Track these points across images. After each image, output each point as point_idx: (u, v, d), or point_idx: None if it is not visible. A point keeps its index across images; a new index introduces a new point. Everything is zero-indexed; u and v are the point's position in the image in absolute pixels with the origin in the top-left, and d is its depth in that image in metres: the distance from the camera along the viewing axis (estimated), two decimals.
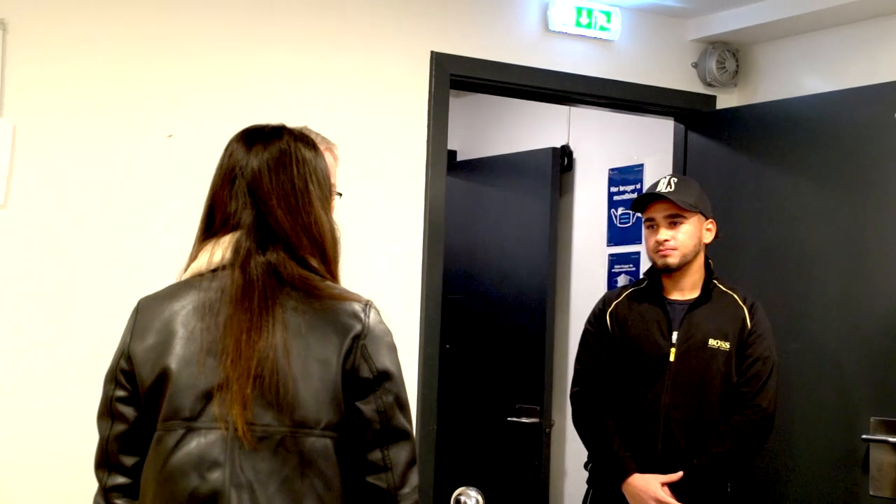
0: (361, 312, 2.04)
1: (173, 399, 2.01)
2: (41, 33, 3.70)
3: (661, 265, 3.63)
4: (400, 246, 4.30)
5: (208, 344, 2.01)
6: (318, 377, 1.99)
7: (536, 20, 4.61)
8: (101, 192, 3.78)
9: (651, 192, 3.67)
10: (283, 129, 2.18)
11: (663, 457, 3.53)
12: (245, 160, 2.11)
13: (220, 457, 1.97)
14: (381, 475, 2.02)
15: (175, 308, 2.07)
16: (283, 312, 2.01)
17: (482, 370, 5.85)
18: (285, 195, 2.08)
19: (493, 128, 6.25)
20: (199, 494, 1.97)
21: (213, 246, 2.08)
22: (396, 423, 2.03)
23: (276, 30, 4.09)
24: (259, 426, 1.97)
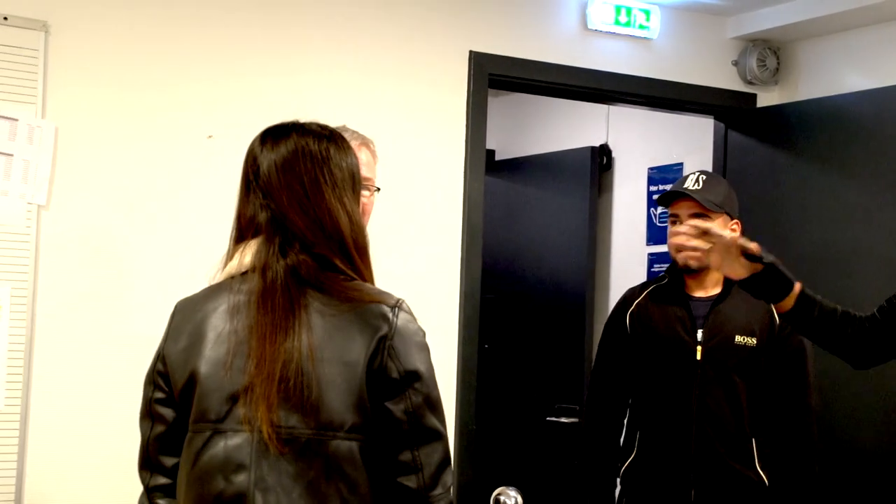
0: (389, 312, 2.02)
1: (201, 401, 2.02)
2: (83, 36, 3.73)
3: (681, 264, 3.58)
4: (438, 246, 4.30)
5: (235, 346, 2.01)
6: (343, 379, 1.97)
7: (575, 19, 4.60)
8: (142, 192, 3.81)
9: (678, 188, 3.61)
10: (292, 125, 2.16)
11: (697, 458, 3.49)
12: (257, 162, 2.10)
13: (246, 459, 1.97)
14: (411, 476, 1.99)
15: (207, 310, 2.07)
16: (307, 314, 1.99)
17: (521, 370, 5.86)
18: (295, 193, 2.06)
19: (531, 127, 6.25)
20: (225, 497, 1.97)
21: (244, 248, 2.08)
22: (427, 424, 2.00)
23: (315, 31, 4.10)
24: (284, 429, 1.96)
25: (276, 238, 2.04)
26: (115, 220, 3.77)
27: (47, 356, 3.65)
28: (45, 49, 3.65)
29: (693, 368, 3.53)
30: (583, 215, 5.65)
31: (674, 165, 5.45)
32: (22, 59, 3.61)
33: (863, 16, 4.50)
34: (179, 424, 2.08)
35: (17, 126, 3.62)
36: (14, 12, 3.61)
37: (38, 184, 3.64)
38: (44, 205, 3.65)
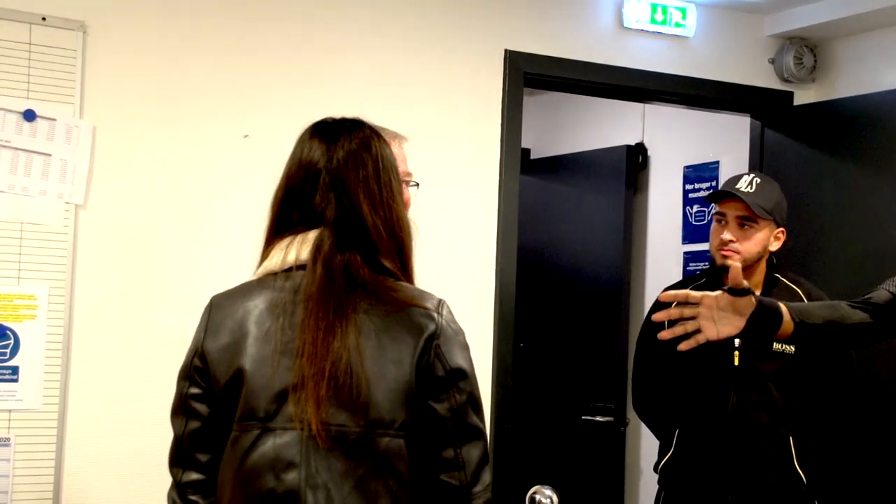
0: (434, 312, 2.04)
1: (249, 399, 2.01)
2: (120, 36, 3.74)
3: (719, 264, 3.56)
4: (473, 244, 4.30)
5: (283, 344, 2.01)
6: (391, 378, 1.99)
7: (611, 17, 4.59)
8: (179, 191, 3.82)
9: (729, 188, 3.58)
10: (362, 122, 2.17)
11: (734, 459, 3.49)
12: (328, 153, 2.09)
13: (296, 457, 1.98)
14: (453, 473, 2.01)
15: (248, 307, 2.07)
16: (356, 314, 2.00)
17: (557, 368, 5.86)
18: (369, 191, 2.07)
19: (566, 126, 6.24)
20: (276, 494, 1.98)
21: (289, 244, 2.06)
22: (470, 422, 2.03)
23: (350, 30, 4.11)
24: (334, 426, 1.97)
25: (339, 231, 2.05)
26: (152, 220, 3.78)
27: (85, 355, 3.67)
28: (83, 49, 3.67)
29: (730, 373, 3.54)
30: (618, 214, 5.64)
31: (710, 164, 5.43)
32: (60, 59, 3.63)
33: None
34: (215, 421, 2.08)
35: (56, 126, 3.64)
36: (52, 13, 3.63)
37: (76, 183, 3.65)
38: (81, 204, 3.67)
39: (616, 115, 5.86)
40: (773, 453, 3.50)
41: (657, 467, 3.69)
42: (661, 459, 3.68)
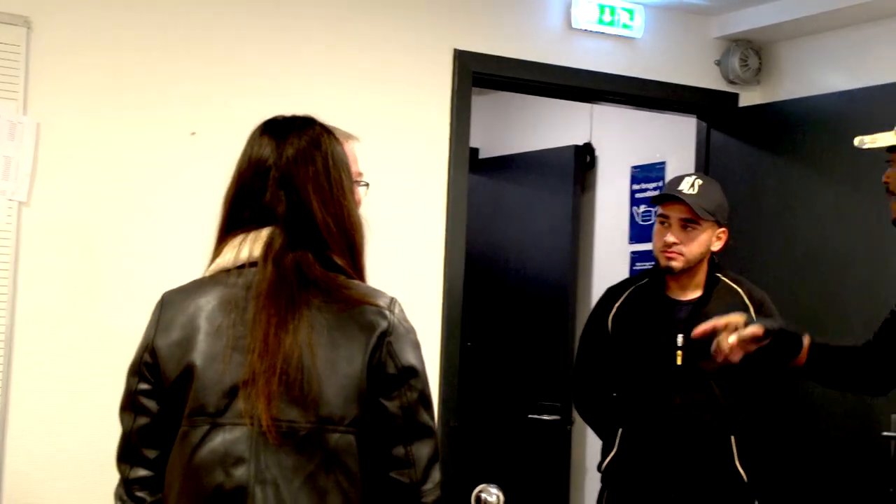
0: (387, 310, 2.04)
1: (198, 395, 2.01)
2: (65, 31, 3.72)
3: (663, 266, 3.59)
4: (421, 243, 4.31)
5: (234, 340, 2.01)
6: (343, 374, 1.98)
7: (560, 18, 4.61)
8: (125, 189, 3.80)
9: (672, 191, 3.60)
10: (313, 120, 2.17)
11: (677, 458, 3.52)
12: (278, 151, 2.08)
13: (245, 453, 1.97)
14: (403, 470, 2.02)
15: (200, 304, 2.06)
16: (308, 311, 2.00)
17: (503, 367, 5.87)
18: (320, 186, 2.07)
19: (515, 125, 6.25)
20: (224, 490, 1.97)
21: (242, 241, 2.06)
22: (420, 420, 2.03)
23: (300, 28, 4.10)
24: (284, 422, 1.97)
25: (291, 230, 2.05)
26: (98, 217, 3.76)
27: (28, 354, 3.64)
28: (27, 44, 3.64)
29: (673, 372, 3.56)
30: (566, 213, 5.66)
31: (656, 164, 5.46)
32: (3, 54, 3.61)
33: (843, 16, 4.52)
34: (164, 417, 2.06)
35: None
36: None
37: (20, 180, 3.62)
38: (25, 201, 3.64)
39: (564, 115, 5.87)
40: (715, 452, 3.52)
41: (600, 467, 3.70)
42: (604, 459, 3.69)
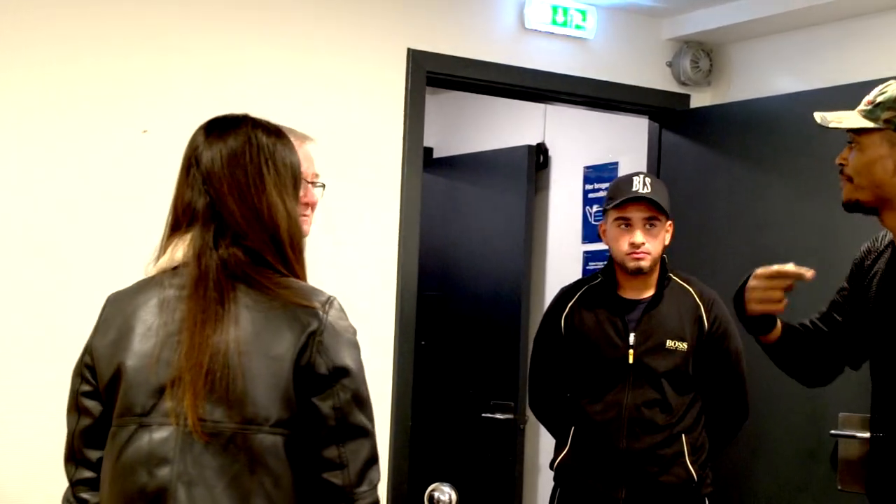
0: (320, 309, 2.00)
1: (126, 395, 1.99)
2: (11, 27, 3.67)
3: (633, 269, 3.58)
4: (375, 242, 4.31)
5: (164, 339, 1.99)
6: (269, 373, 1.95)
7: (513, 18, 4.62)
8: (75, 188, 3.77)
9: (631, 194, 3.58)
10: (243, 117, 2.14)
11: (627, 456, 3.54)
12: (201, 150, 2.08)
13: (170, 453, 1.95)
14: (336, 472, 1.97)
15: (138, 304, 2.06)
16: (237, 308, 1.98)
17: (457, 366, 5.88)
18: (237, 183, 2.04)
19: (469, 125, 6.26)
20: (148, 491, 1.95)
21: (178, 242, 2.06)
22: (353, 421, 1.98)
23: (252, 25, 4.09)
24: (210, 422, 1.94)
25: (212, 227, 2.03)
26: (48, 218, 3.73)
27: None
28: None
29: (625, 371, 3.58)
30: (519, 213, 5.68)
31: (609, 164, 5.49)
32: None
33: (793, 20, 4.57)
34: (105, 418, 2.06)
35: None
36: None
37: None
38: None
39: (518, 115, 5.88)
40: (665, 451, 3.54)
41: (553, 465, 3.71)
42: (556, 457, 3.70)
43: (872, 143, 2.51)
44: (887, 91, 2.51)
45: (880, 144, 2.50)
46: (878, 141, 2.50)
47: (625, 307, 3.63)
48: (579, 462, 3.63)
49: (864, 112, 2.53)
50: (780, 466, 4.37)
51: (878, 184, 2.52)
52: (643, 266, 3.58)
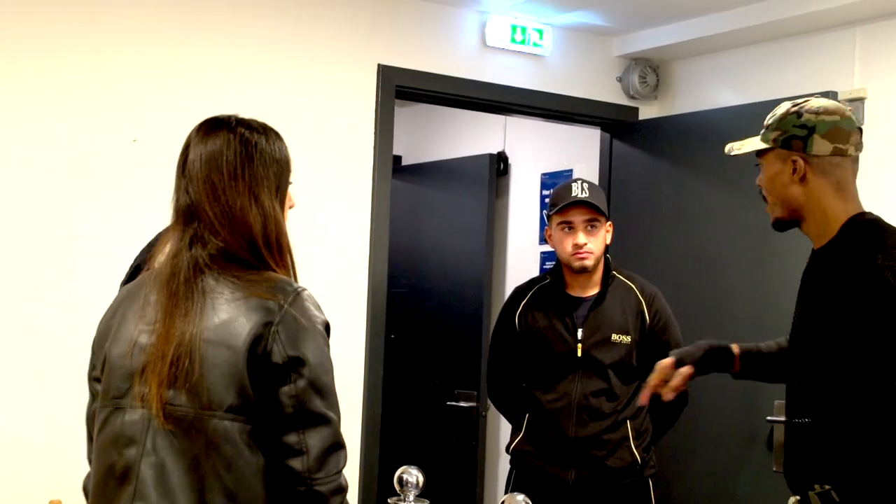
0: (282, 300, 1.94)
1: (108, 378, 2.00)
2: (6, 34, 3.65)
3: (578, 268, 3.61)
4: (347, 244, 4.31)
5: (141, 330, 1.98)
6: (224, 361, 1.91)
7: (475, 36, 4.64)
8: (66, 194, 3.75)
9: (571, 198, 3.60)
10: (229, 118, 2.10)
11: (576, 441, 3.56)
12: (188, 151, 2.05)
13: (137, 435, 1.93)
14: (296, 458, 1.91)
15: (130, 295, 2.06)
16: (204, 302, 1.94)
17: (424, 358, 5.88)
18: (212, 183, 2.00)
19: (435, 135, 6.27)
20: (116, 469, 1.94)
21: (166, 237, 2.05)
22: (311, 408, 1.92)
23: (235, 43, 4.09)
24: (173, 407, 1.91)
25: (189, 225, 2.00)
26: (44, 221, 3.71)
27: None
28: None
29: (574, 363, 3.60)
30: (481, 216, 5.68)
31: (564, 171, 5.50)
32: None
33: (732, 39, 4.60)
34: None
35: None
36: None
37: None
38: None
39: (480, 125, 5.89)
40: (611, 436, 3.56)
41: (508, 448, 3.73)
42: (512, 441, 3.71)
43: (770, 162, 2.60)
44: (776, 113, 2.60)
45: (775, 161, 2.58)
46: (773, 159, 2.58)
47: (573, 305, 3.65)
48: (532, 446, 3.65)
49: (761, 136, 2.62)
50: (719, 449, 4.40)
51: (782, 198, 2.59)
52: (587, 264, 3.60)
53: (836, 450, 2.43)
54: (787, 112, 2.56)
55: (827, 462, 2.45)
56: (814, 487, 2.47)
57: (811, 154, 2.52)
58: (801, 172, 2.53)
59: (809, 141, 2.52)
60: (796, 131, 2.53)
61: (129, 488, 1.92)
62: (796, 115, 2.54)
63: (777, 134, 2.56)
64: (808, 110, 2.54)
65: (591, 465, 3.56)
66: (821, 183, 2.54)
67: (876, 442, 2.33)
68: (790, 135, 2.54)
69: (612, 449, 3.56)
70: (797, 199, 2.57)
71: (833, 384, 2.45)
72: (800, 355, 2.64)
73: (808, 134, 2.53)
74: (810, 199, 2.55)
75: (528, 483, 3.60)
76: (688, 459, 4.46)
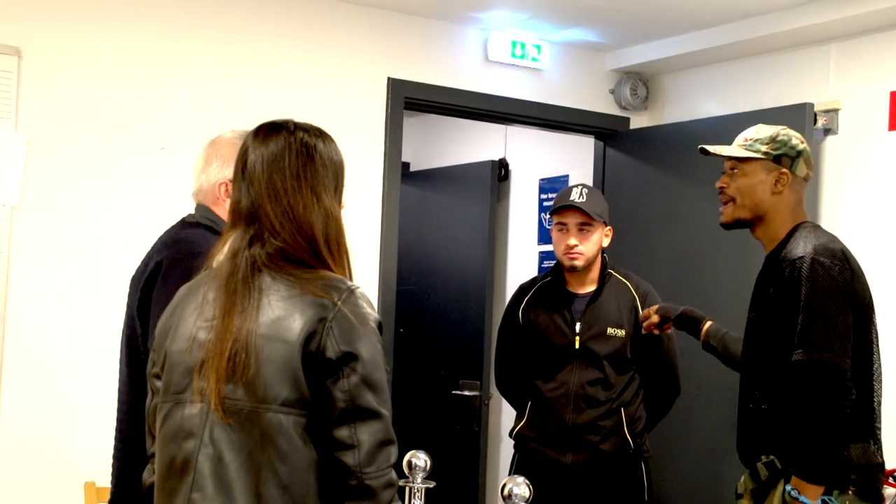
0: (336, 297, 1.87)
1: (167, 374, 1.95)
2: (50, 60, 3.72)
3: (568, 266, 3.65)
4: (359, 245, 4.33)
5: (199, 327, 1.92)
6: (279, 357, 1.84)
7: (478, 51, 4.66)
8: (102, 196, 3.81)
9: (566, 201, 3.64)
10: (286, 122, 2.04)
11: (573, 429, 3.58)
12: (247, 154, 1.98)
13: (196, 428, 1.88)
14: (347, 452, 1.83)
15: (190, 295, 2.00)
16: (261, 297, 1.88)
17: (430, 351, 5.87)
18: (273, 185, 1.93)
19: (441, 143, 6.26)
20: (176, 462, 1.89)
21: (228, 239, 1.99)
22: (362, 403, 1.84)
23: (255, 61, 4.12)
24: (230, 400, 1.85)
25: (251, 226, 1.94)
26: (79, 219, 3.76)
27: (18, 335, 3.64)
28: (18, 71, 3.64)
29: (572, 355, 3.62)
30: (484, 219, 5.68)
31: (561, 177, 5.51)
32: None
33: (715, 54, 4.61)
34: None
35: None
36: None
37: (11, 188, 3.62)
38: (16, 206, 3.63)
39: (483, 134, 5.88)
40: (606, 422, 3.58)
41: (512, 432, 3.76)
42: (515, 426, 3.74)
43: (754, 170, 2.80)
44: (761, 131, 2.82)
45: (760, 171, 2.79)
46: (758, 168, 2.80)
47: (571, 300, 3.68)
48: (534, 432, 3.67)
49: (744, 146, 2.83)
50: (708, 435, 4.41)
51: (757, 202, 2.80)
52: (577, 265, 3.63)
53: (779, 426, 2.63)
54: (778, 133, 2.79)
55: (772, 437, 2.66)
56: (760, 458, 2.67)
57: (794, 173, 2.77)
58: (782, 185, 2.76)
59: (797, 162, 2.78)
60: (788, 151, 2.77)
61: (188, 479, 1.87)
62: (787, 138, 2.78)
63: (768, 148, 2.78)
64: (796, 137, 2.80)
65: (587, 450, 3.58)
66: (789, 197, 2.78)
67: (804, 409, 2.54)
68: (781, 153, 2.77)
69: (607, 434, 3.58)
70: (765, 206, 2.80)
71: (778, 370, 2.63)
72: (753, 348, 2.78)
73: (797, 156, 2.78)
74: (777, 208, 2.78)
75: (530, 466, 3.62)
76: (679, 444, 4.46)
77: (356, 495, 1.84)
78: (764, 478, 2.65)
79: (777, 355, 2.64)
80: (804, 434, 2.55)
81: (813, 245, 2.65)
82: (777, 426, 2.65)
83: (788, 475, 2.58)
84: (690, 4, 4.22)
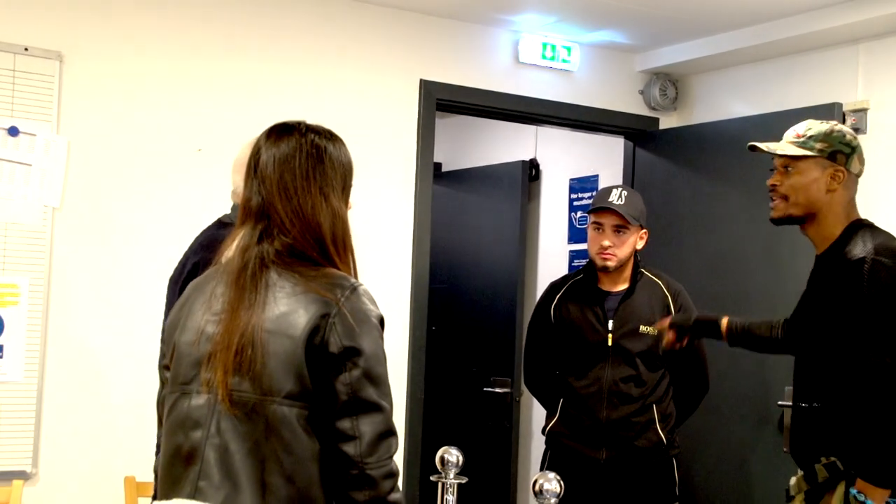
0: (340, 294, 1.89)
1: (176, 366, 1.97)
2: (91, 64, 3.74)
3: (600, 266, 3.63)
4: (392, 244, 4.34)
5: (208, 320, 1.94)
6: (283, 351, 1.86)
7: (509, 53, 4.65)
8: (141, 196, 3.82)
9: (604, 203, 3.62)
10: (298, 123, 2.06)
11: (607, 424, 3.57)
12: (259, 153, 2.00)
13: (203, 418, 1.89)
14: (349, 443, 1.86)
15: (199, 290, 2.02)
16: (268, 293, 1.90)
17: (462, 348, 5.87)
18: (284, 184, 1.95)
19: (472, 144, 6.26)
20: (183, 451, 1.91)
21: (238, 235, 2.01)
22: (364, 396, 1.87)
23: (292, 63, 4.12)
24: (237, 392, 1.87)
25: (260, 223, 1.96)
26: (118, 220, 3.78)
27: (60, 336, 3.66)
28: (59, 75, 3.66)
29: (605, 352, 3.60)
30: (515, 218, 5.67)
31: (591, 177, 5.50)
32: (40, 83, 3.63)
33: (744, 55, 4.58)
34: None
35: (36, 140, 3.63)
36: (34, 44, 3.63)
37: (53, 189, 3.64)
38: (58, 207, 3.66)
39: (513, 135, 5.87)
40: (639, 419, 3.56)
41: (544, 430, 3.74)
42: (547, 424, 3.72)
43: (808, 167, 2.70)
44: (814, 127, 2.72)
45: (814, 168, 2.70)
46: (813, 166, 2.70)
47: (604, 298, 3.66)
48: (566, 429, 3.65)
49: (797, 143, 2.72)
50: (735, 432, 4.39)
51: (812, 200, 2.70)
52: (608, 265, 3.61)
53: (840, 427, 2.52)
54: (833, 129, 2.70)
55: (831, 438, 2.55)
56: (820, 460, 2.56)
57: (848, 169, 2.68)
58: (837, 182, 2.67)
59: (851, 158, 2.69)
60: (843, 148, 2.68)
61: (195, 468, 1.88)
62: (841, 134, 2.69)
63: (823, 146, 2.68)
64: (849, 132, 2.71)
65: (620, 446, 3.56)
66: (842, 195, 2.69)
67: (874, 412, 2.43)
68: (836, 150, 2.68)
69: (640, 430, 3.57)
70: (819, 204, 2.69)
71: (837, 370, 2.51)
72: (807, 347, 2.68)
73: (852, 152, 2.69)
74: (831, 206, 2.69)
75: (563, 462, 3.61)
76: (707, 441, 4.44)
77: (357, 485, 1.87)
78: (822, 479, 2.56)
79: (834, 355, 2.56)
80: (873, 436, 2.45)
81: (873, 245, 2.55)
82: (837, 427, 2.55)
83: (850, 477, 2.49)
84: (719, 6, 4.19)
